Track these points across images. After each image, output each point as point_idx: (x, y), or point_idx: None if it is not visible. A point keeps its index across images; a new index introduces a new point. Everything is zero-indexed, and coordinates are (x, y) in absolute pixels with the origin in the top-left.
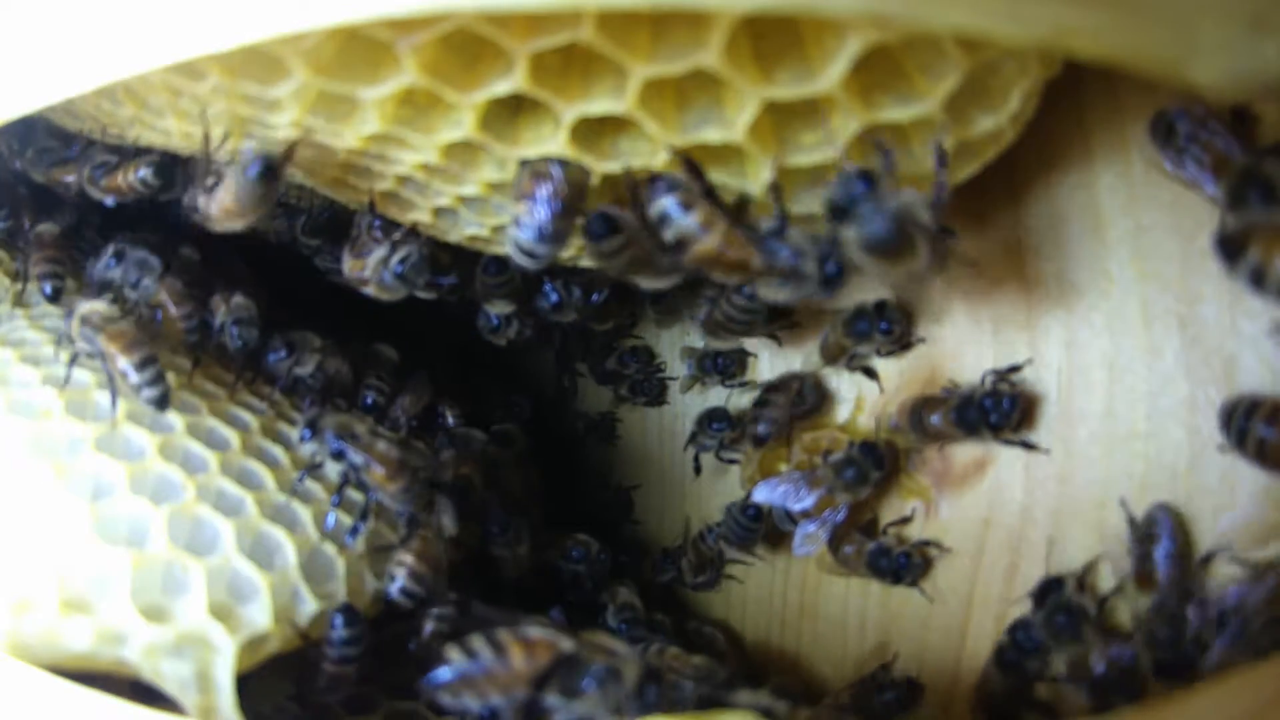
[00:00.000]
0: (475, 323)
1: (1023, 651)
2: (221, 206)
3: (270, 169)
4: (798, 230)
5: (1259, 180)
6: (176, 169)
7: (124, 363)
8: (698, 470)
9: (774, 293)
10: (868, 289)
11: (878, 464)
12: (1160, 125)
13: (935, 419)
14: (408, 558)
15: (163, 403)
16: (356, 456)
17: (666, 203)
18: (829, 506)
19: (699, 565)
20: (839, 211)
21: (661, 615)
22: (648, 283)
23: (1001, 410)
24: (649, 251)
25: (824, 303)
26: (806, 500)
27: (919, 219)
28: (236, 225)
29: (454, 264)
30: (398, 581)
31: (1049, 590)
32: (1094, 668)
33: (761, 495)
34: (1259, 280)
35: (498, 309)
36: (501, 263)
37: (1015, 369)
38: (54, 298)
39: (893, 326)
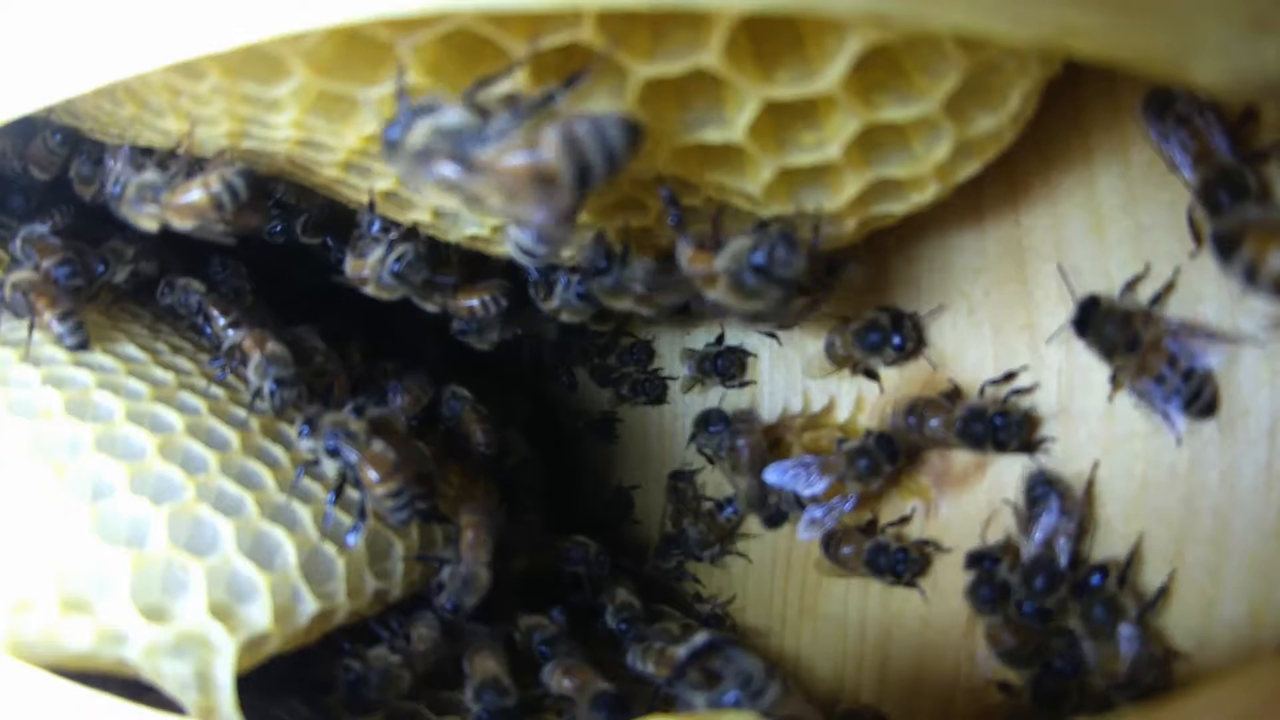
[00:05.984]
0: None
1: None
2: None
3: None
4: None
5: (1233, 185)
6: (82, 139)
7: (48, 316)
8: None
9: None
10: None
11: (891, 457)
12: (1158, 99)
13: (935, 423)
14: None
15: (82, 346)
16: (351, 455)
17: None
18: (839, 494)
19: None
20: None
21: None
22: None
23: (1010, 431)
24: None
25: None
26: (817, 486)
27: None
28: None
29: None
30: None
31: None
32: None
33: (772, 477)
34: (1251, 277)
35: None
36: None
37: (1011, 375)
38: None
39: (906, 342)
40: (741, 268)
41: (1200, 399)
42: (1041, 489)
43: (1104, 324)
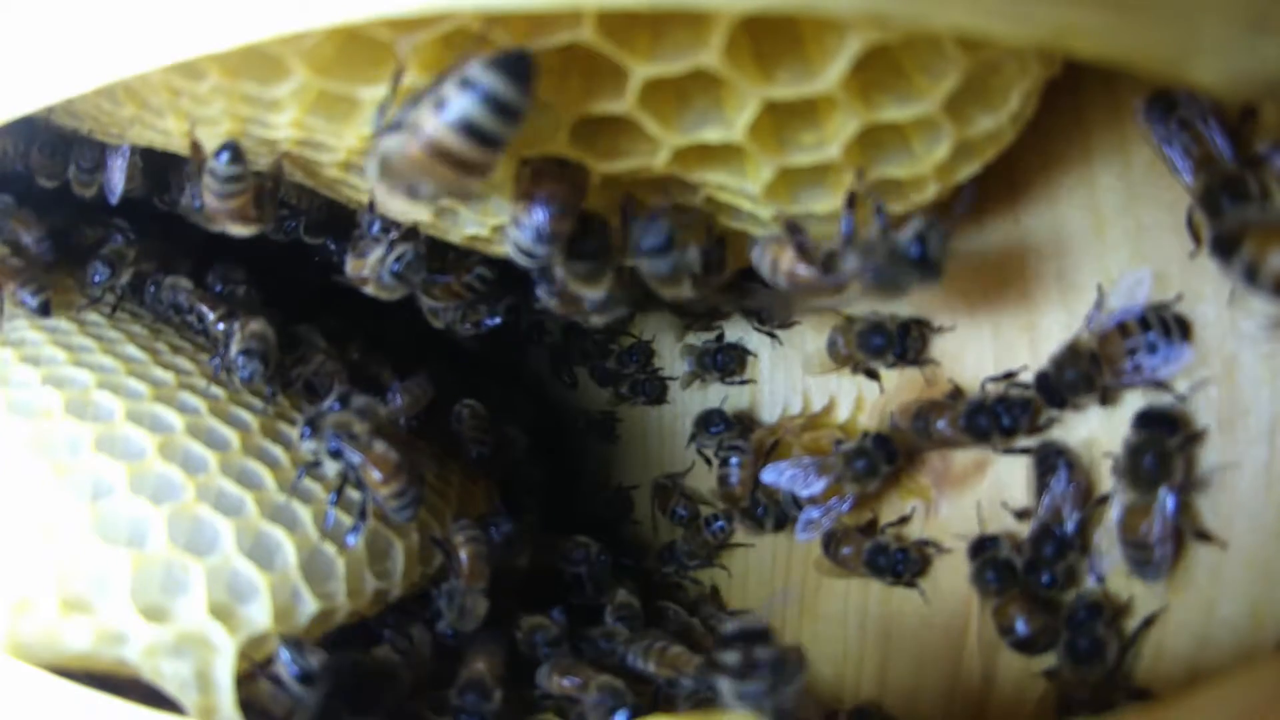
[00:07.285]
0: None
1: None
2: (210, 209)
3: (237, 156)
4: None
5: (1234, 191)
6: (70, 149)
7: (12, 287)
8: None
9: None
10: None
11: (889, 458)
12: (1160, 102)
13: (941, 424)
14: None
15: (44, 310)
16: (354, 456)
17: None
18: (836, 495)
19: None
20: None
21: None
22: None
23: (1014, 414)
24: None
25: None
26: (815, 486)
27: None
28: (241, 227)
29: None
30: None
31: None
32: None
33: (770, 478)
34: (1251, 277)
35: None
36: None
37: (1012, 374)
38: None
39: (909, 349)
40: (883, 264)
41: (1167, 323)
42: (1053, 458)
43: (1063, 376)
